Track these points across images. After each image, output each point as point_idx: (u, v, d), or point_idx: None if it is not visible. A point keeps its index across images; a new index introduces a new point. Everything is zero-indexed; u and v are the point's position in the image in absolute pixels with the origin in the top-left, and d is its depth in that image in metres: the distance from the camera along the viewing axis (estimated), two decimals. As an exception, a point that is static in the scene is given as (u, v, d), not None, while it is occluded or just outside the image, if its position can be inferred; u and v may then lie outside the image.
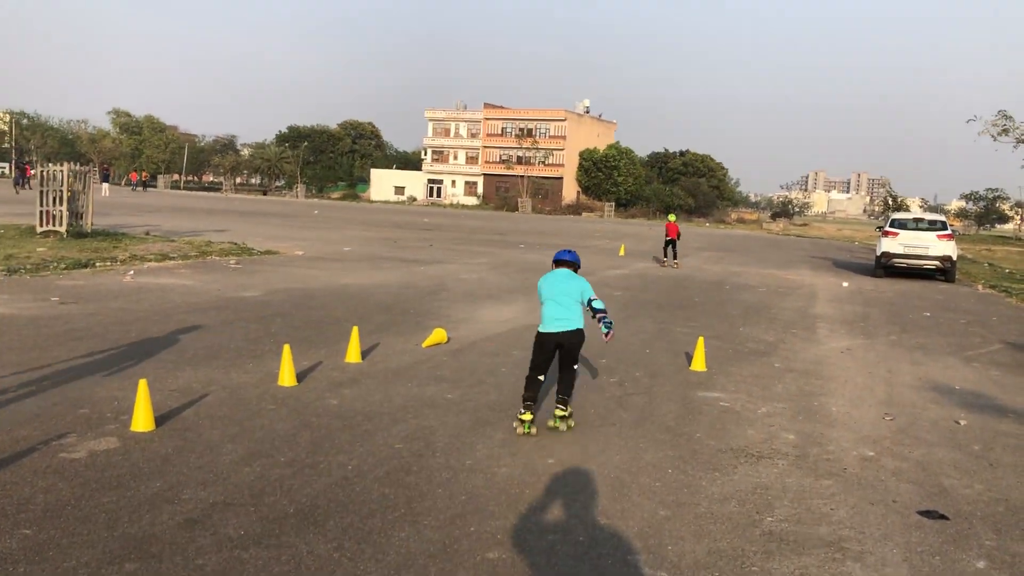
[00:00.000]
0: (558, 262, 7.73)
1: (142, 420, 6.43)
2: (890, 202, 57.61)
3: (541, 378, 7.23)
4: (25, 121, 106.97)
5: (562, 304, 7.39)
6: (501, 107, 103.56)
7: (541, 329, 7.33)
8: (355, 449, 6.26)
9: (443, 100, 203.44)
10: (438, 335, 10.68)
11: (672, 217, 26.62)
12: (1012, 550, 5.14)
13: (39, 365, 8.27)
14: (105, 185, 64.69)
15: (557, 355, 7.32)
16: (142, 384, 6.46)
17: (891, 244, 24.57)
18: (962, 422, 8.11)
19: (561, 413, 7.23)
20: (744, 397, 8.71)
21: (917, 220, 25.88)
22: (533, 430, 6.97)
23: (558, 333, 7.29)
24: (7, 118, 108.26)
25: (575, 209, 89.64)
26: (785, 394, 8.98)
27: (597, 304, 7.58)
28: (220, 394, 7.62)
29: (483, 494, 5.52)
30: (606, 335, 7.50)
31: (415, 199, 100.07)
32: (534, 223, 57.71)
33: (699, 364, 9.96)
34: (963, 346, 12.89)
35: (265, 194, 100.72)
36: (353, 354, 9.37)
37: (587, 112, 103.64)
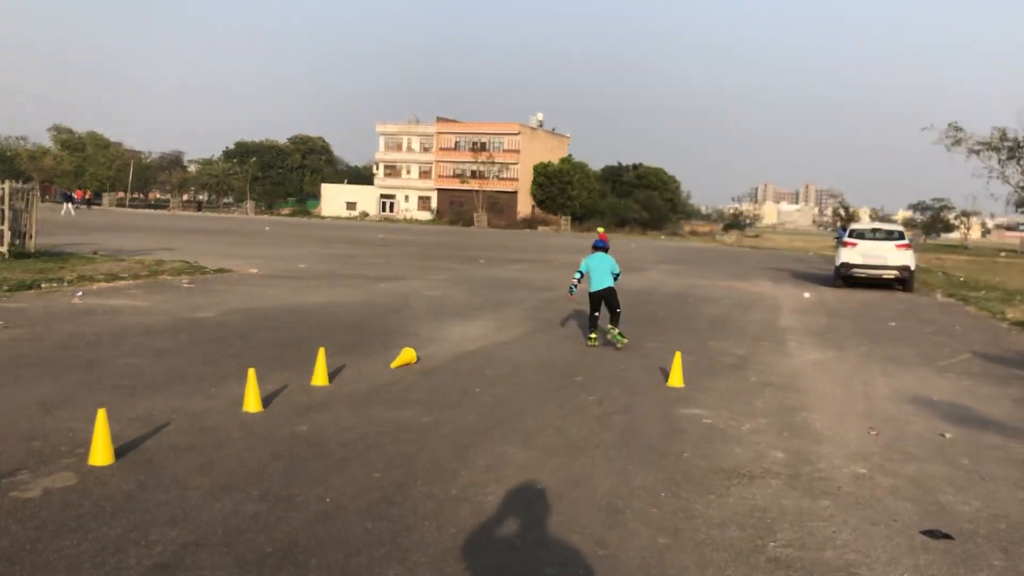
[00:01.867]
0: (596, 247, 12.91)
1: (101, 453, 6.00)
2: (842, 213, 58.44)
3: (596, 315, 12.52)
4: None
5: (600, 273, 12.42)
6: (454, 121, 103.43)
7: (591, 290, 12.47)
8: (331, 480, 5.90)
9: (395, 114, 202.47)
10: (407, 355, 10.33)
11: (600, 229, 30.81)
12: (1023, 570, 4.97)
13: (-15, 395, 7.75)
14: (68, 205, 63.33)
15: (604, 303, 12.40)
16: (100, 414, 6.02)
17: (850, 254, 24.79)
18: (947, 435, 7.99)
19: (616, 332, 12.27)
20: (726, 413, 8.51)
21: (875, 231, 26.18)
22: (597, 343, 12.33)
23: (600, 290, 12.37)
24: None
25: (530, 223, 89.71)
26: (766, 409, 8.81)
27: (618, 276, 12.64)
28: (182, 422, 7.19)
29: (472, 526, 5.21)
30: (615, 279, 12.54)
31: (367, 214, 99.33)
32: (491, 238, 57.53)
33: (676, 380, 9.75)
34: (933, 356, 12.90)
35: (199, 210, 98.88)
36: (320, 376, 8.98)
37: (540, 126, 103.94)
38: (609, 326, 12.31)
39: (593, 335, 12.43)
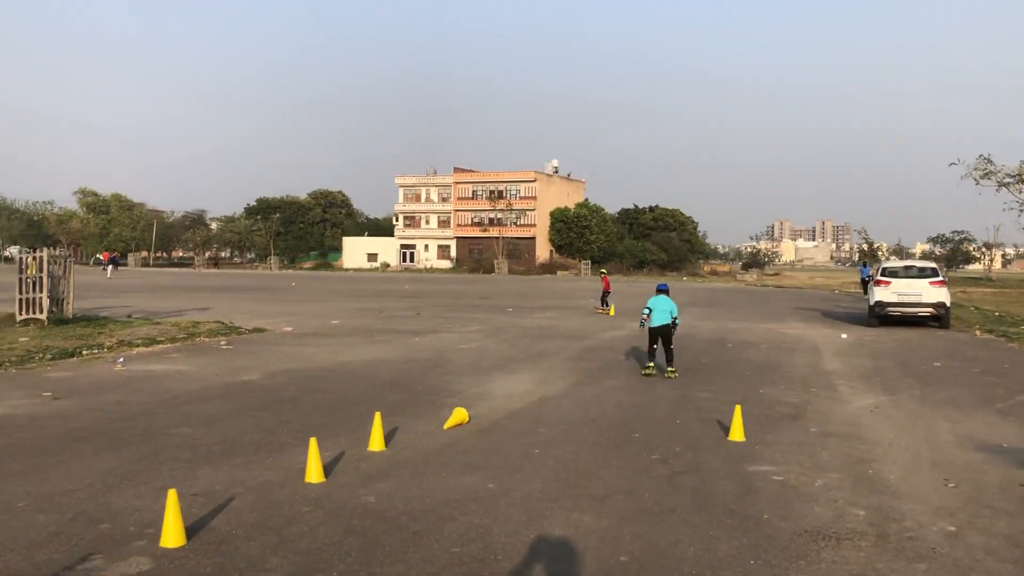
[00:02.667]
0: (659, 290, 14.79)
1: (172, 535, 5.87)
2: (865, 248, 58.11)
3: (655, 347, 14.51)
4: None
5: (661, 312, 14.34)
6: (471, 171, 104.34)
7: (651, 325, 14.45)
8: (410, 556, 5.74)
9: (413, 166, 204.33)
10: (459, 415, 10.19)
11: (604, 271, 33.41)
12: None
13: (46, 473, 7.67)
14: (110, 267, 64.49)
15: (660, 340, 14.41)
16: (171, 495, 5.92)
17: (884, 293, 24.52)
18: (1029, 485, 7.73)
19: (671, 370, 14.28)
20: (796, 468, 8.29)
21: (908, 268, 25.91)
22: (653, 372, 14.43)
23: (659, 326, 14.29)
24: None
25: (549, 268, 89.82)
26: (835, 463, 8.58)
27: (676, 317, 14.50)
28: (247, 497, 7.06)
29: (564, 604, 5.02)
30: (673, 329, 14.49)
31: (388, 265, 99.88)
32: (513, 284, 57.52)
33: (737, 434, 9.54)
34: (989, 398, 12.61)
35: (216, 266, 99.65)
36: (377, 442, 8.85)
37: (556, 172, 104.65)
38: (668, 367, 14.40)
39: (650, 364, 14.58)
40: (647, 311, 14.53)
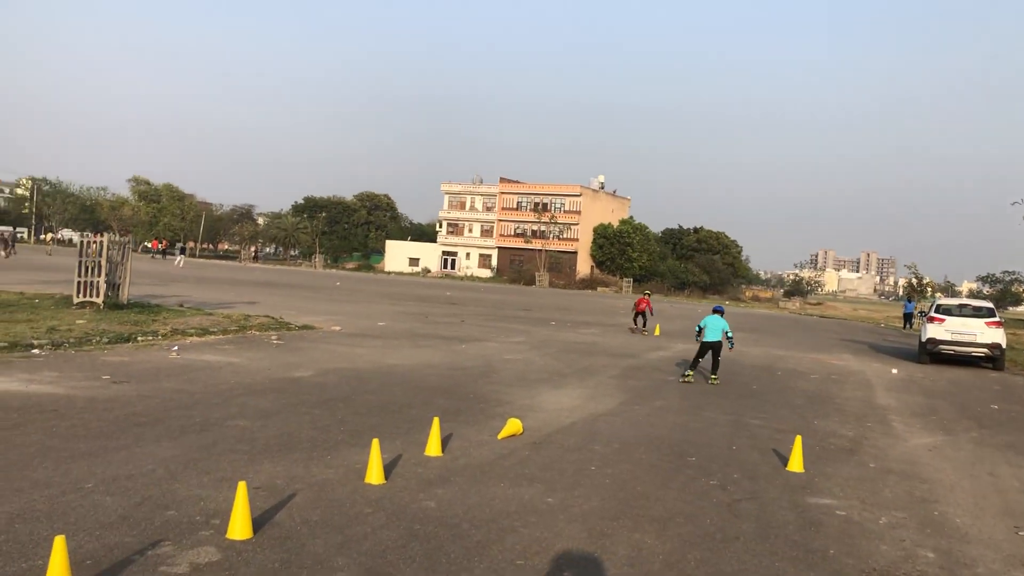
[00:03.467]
0: (715, 311, 16.65)
1: (240, 527, 5.90)
2: (914, 283, 57.18)
3: (700, 359, 16.57)
4: (47, 187, 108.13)
5: (713, 330, 16.20)
6: (517, 181, 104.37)
7: (704, 339, 16.31)
8: (474, 566, 5.70)
9: (459, 174, 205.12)
10: (513, 426, 10.15)
11: (647, 293, 32.33)
12: None
13: (109, 456, 7.76)
14: (181, 257, 65.96)
15: (711, 352, 16.36)
16: (241, 488, 5.94)
17: (937, 330, 24.07)
18: (1103, 539, 7.49)
19: (714, 377, 16.36)
20: (857, 504, 8.13)
21: (962, 307, 25.40)
22: (691, 380, 16.30)
23: (711, 341, 16.14)
24: (29, 184, 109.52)
25: (590, 283, 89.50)
26: (897, 501, 8.40)
27: (730, 335, 16.41)
28: (308, 493, 7.08)
29: (634, 626, 4.95)
30: (730, 348, 16.99)
31: (429, 271, 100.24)
32: (553, 298, 57.41)
33: (796, 465, 9.39)
34: (1052, 445, 12.27)
35: (255, 260, 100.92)
36: (434, 447, 8.85)
37: (602, 188, 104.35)
38: (711, 375, 16.55)
39: (690, 373, 16.55)
40: (699, 328, 16.68)
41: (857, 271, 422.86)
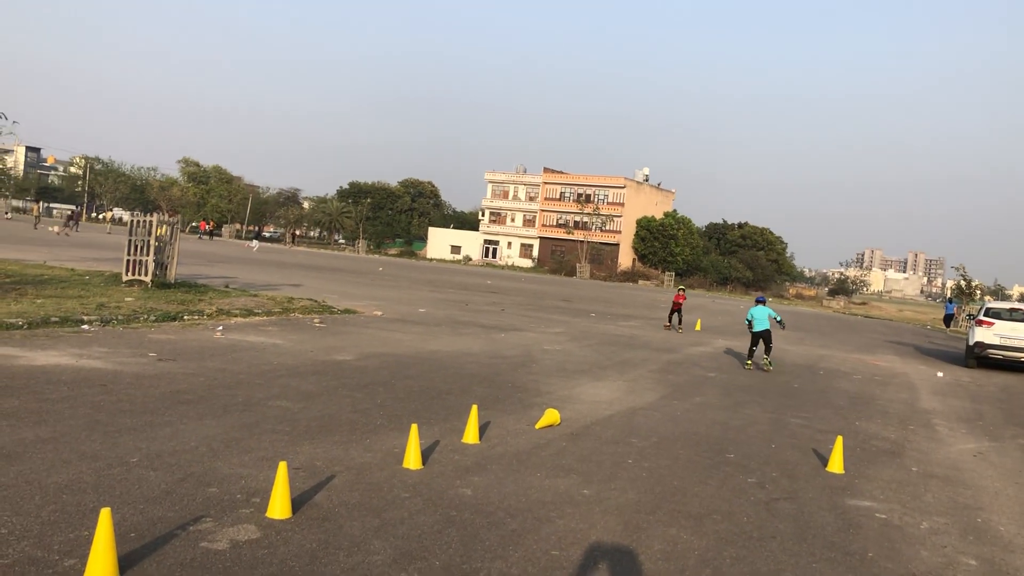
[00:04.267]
0: (758, 301, 18.80)
1: (279, 506, 5.98)
2: (962, 285, 56.03)
3: (754, 348, 18.20)
4: (99, 167, 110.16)
5: (760, 320, 18.14)
6: (561, 172, 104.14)
7: (753, 330, 18.14)
8: (509, 554, 5.73)
9: (503, 163, 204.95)
10: (551, 416, 10.16)
11: (681, 288, 28.90)
12: None
13: (154, 432, 7.92)
14: (256, 242, 67.19)
15: (761, 340, 18.29)
16: (281, 468, 6.03)
17: (985, 334, 23.56)
18: None
19: (767, 363, 18.06)
20: (898, 508, 8.01)
21: (1013, 311, 24.81)
22: (751, 367, 18.00)
23: (760, 331, 17.99)
24: (82, 163, 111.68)
25: (631, 276, 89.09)
26: (939, 506, 8.26)
27: (778, 318, 18.95)
28: (347, 476, 7.16)
29: (667, 621, 4.94)
30: (782, 328, 21.52)
31: (470, 259, 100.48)
32: (594, 290, 57.24)
33: (836, 466, 9.28)
34: (1103, 456, 11.97)
35: (294, 242, 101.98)
36: (472, 434, 8.89)
37: (646, 180, 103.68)
38: (764, 358, 18.41)
39: (749, 362, 18.45)
40: (749, 318, 18.54)
41: (904, 271, 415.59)
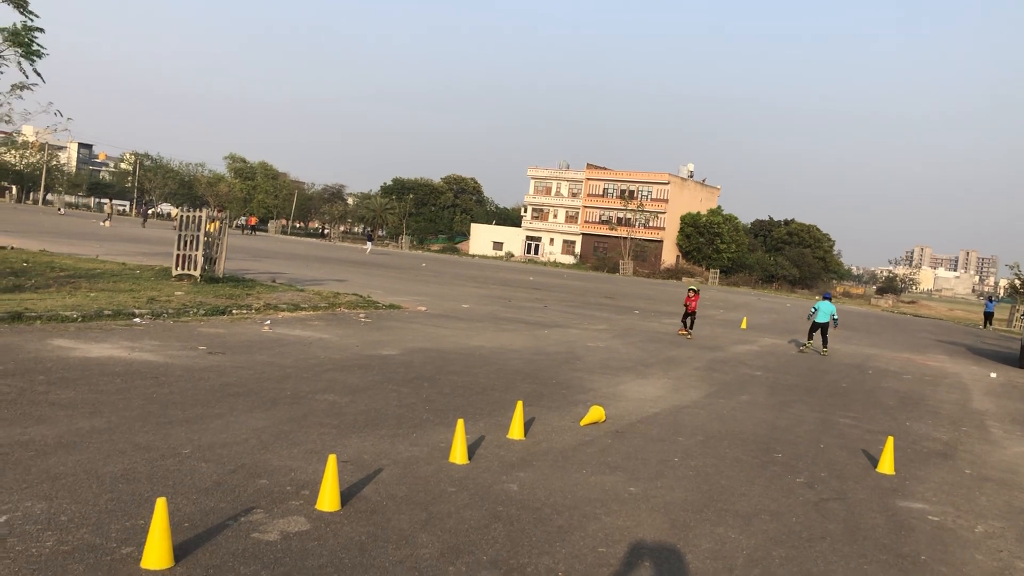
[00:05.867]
0: (824, 297, 21.70)
1: (328, 499, 6.05)
2: (1017, 284, 54.70)
3: (813, 335, 22.04)
4: (148, 163, 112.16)
5: (823, 312, 21.18)
6: (604, 168, 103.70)
7: (815, 320, 21.35)
8: (556, 550, 5.73)
9: (546, 159, 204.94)
10: (596, 413, 10.13)
11: (693, 288, 23.60)
12: None
13: (205, 424, 8.05)
14: (370, 245, 68.26)
15: (820, 329, 21.48)
16: (331, 461, 6.09)
17: (1042, 334, 22.99)
18: None
19: (824, 351, 21.42)
20: (952, 511, 7.86)
21: (1070, 310, 24.21)
22: (808, 351, 21.89)
23: (821, 322, 21.14)
24: (132, 159, 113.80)
25: (675, 273, 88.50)
26: (994, 510, 8.09)
27: (835, 317, 21.30)
28: (394, 469, 7.22)
29: (716, 621, 4.90)
30: (835, 326, 21.93)
31: (512, 255, 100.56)
32: (637, 287, 56.94)
33: (887, 466, 9.13)
34: None
35: (323, 236, 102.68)
36: (517, 430, 8.90)
37: (691, 176, 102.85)
38: (823, 347, 21.70)
39: (806, 344, 22.26)
40: (814, 310, 21.54)
41: (955, 270, 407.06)
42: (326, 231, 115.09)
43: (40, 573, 4.58)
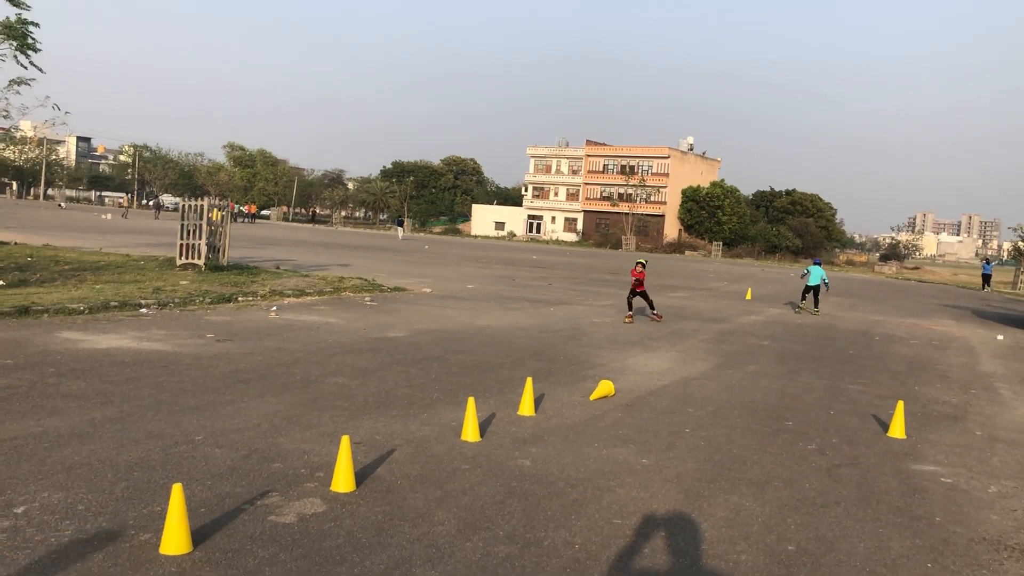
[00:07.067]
0: (815, 263, 24.03)
1: (343, 480, 6.07)
2: (1021, 246, 54.53)
3: (805, 298, 24.03)
4: (147, 154, 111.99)
5: (814, 276, 23.10)
6: (603, 144, 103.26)
7: (808, 283, 23.39)
8: (572, 523, 5.75)
9: (545, 137, 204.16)
10: (605, 387, 10.14)
11: (640, 261, 19.24)
12: None
13: (217, 411, 8.07)
14: (400, 230, 68.14)
15: (812, 291, 23.49)
16: (344, 442, 6.10)
17: (1048, 295, 22.95)
18: None
19: (816, 310, 23.54)
20: (964, 472, 7.88)
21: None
22: (802, 312, 23.82)
23: (812, 285, 23.20)
24: (131, 151, 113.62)
25: (677, 247, 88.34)
26: (1007, 470, 8.10)
27: (826, 280, 23.54)
28: (406, 449, 7.24)
29: (734, 587, 4.92)
30: (826, 289, 23.95)
31: (515, 235, 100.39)
32: (641, 262, 56.80)
33: (898, 431, 9.14)
34: None
35: (313, 220, 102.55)
36: (527, 407, 8.92)
37: (691, 149, 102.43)
38: (815, 308, 23.67)
39: (801, 305, 24.31)
40: (806, 272, 23.61)
41: (958, 234, 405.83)
42: (318, 215, 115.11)
43: (61, 562, 4.60)
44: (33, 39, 17.31)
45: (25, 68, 17.33)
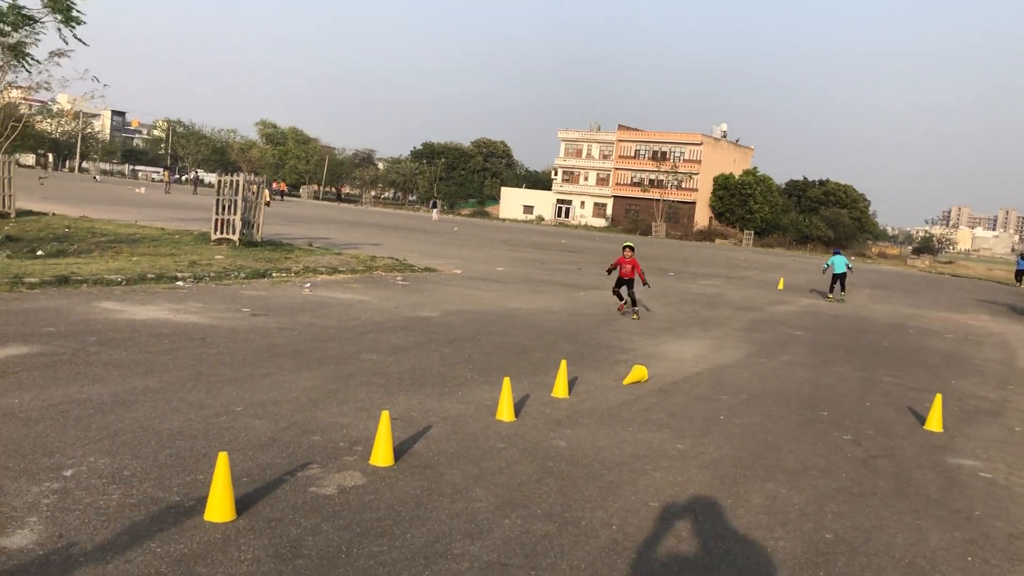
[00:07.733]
0: (836, 252, 25.64)
1: (382, 454, 6.12)
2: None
3: (834, 287, 25.04)
4: (180, 129, 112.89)
5: (839, 265, 24.52)
6: (635, 129, 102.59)
7: (834, 271, 24.64)
8: (608, 505, 5.76)
9: (577, 121, 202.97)
10: (638, 372, 10.12)
11: (628, 244, 17.72)
12: None
13: (255, 383, 8.16)
14: (436, 211, 68.58)
15: (840, 279, 24.76)
16: (384, 417, 6.15)
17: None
18: None
19: (842, 295, 24.97)
20: (1003, 467, 7.79)
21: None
22: (832, 300, 24.73)
23: (838, 273, 24.56)
24: (165, 126, 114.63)
25: (708, 235, 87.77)
26: (1047, 467, 8.00)
27: (850, 266, 25.03)
28: (443, 426, 7.28)
29: None
30: (850, 272, 25.23)
31: (543, 219, 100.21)
32: (671, 249, 56.58)
33: (935, 424, 9.05)
34: None
35: (339, 199, 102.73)
36: (560, 389, 8.93)
37: (724, 137, 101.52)
38: (840, 293, 24.96)
39: (830, 295, 25.08)
40: (827, 265, 25.11)
41: (994, 229, 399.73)
42: (345, 195, 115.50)
43: (109, 524, 4.69)
44: (78, 11, 17.48)
45: (66, 43, 17.50)
